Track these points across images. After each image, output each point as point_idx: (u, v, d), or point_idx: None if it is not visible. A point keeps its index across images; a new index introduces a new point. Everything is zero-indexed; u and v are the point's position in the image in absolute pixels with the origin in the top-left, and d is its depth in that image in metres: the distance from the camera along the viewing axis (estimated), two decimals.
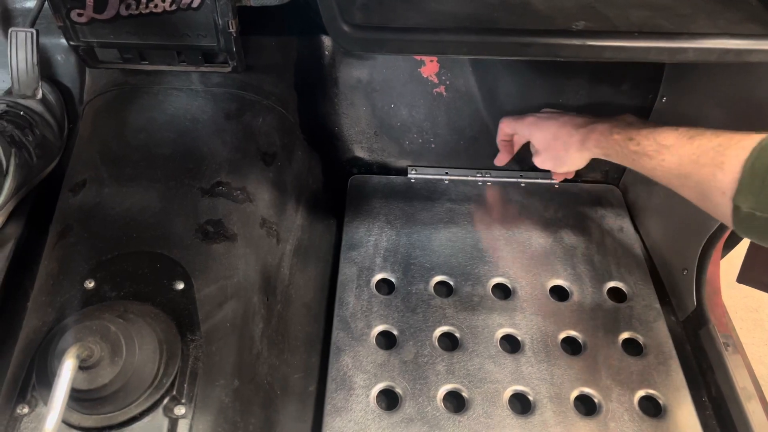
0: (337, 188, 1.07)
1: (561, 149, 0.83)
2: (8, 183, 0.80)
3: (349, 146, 1.10)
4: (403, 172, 1.10)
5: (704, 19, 0.63)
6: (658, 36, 0.61)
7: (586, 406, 0.79)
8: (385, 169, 1.11)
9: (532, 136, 0.88)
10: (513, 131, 0.93)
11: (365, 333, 0.84)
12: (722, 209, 0.60)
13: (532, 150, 0.90)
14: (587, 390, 0.79)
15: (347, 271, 0.92)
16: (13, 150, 0.80)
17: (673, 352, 0.84)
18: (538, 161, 0.89)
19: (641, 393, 0.79)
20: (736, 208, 0.58)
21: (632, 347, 0.85)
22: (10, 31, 0.78)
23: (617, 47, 0.61)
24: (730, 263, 0.91)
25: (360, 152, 1.10)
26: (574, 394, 0.79)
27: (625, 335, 0.85)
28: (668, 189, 0.68)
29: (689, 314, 0.88)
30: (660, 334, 0.86)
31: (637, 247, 0.98)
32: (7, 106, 0.88)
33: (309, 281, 0.91)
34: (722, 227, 0.80)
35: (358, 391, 0.78)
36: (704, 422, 0.77)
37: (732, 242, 0.86)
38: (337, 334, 0.84)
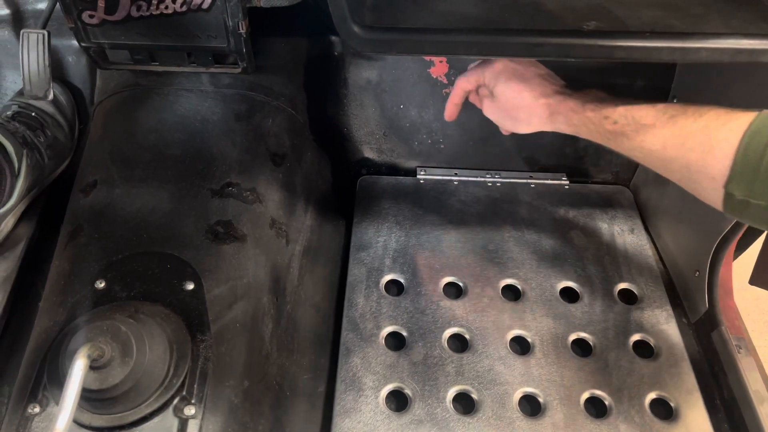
0: (346, 189, 1.07)
1: (523, 114, 0.74)
2: (20, 184, 0.80)
3: (358, 147, 1.10)
4: (412, 172, 1.10)
5: (717, 19, 0.62)
6: (670, 36, 0.61)
7: (596, 408, 0.78)
8: (394, 170, 1.11)
9: (497, 84, 0.75)
10: (477, 84, 0.78)
11: (374, 334, 0.84)
12: (712, 194, 0.58)
13: (483, 93, 0.78)
14: (598, 392, 0.79)
15: (356, 272, 0.92)
16: (24, 151, 0.81)
17: (685, 355, 0.83)
18: (489, 108, 0.77)
19: (652, 395, 0.79)
20: (728, 195, 0.56)
21: (643, 349, 0.84)
22: (21, 32, 0.78)
23: (629, 47, 0.61)
24: (742, 265, 0.90)
25: (369, 153, 1.10)
26: (585, 396, 0.79)
27: (635, 337, 0.85)
28: (681, 190, 0.67)
29: (701, 316, 0.87)
30: (671, 336, 0.85)
31: (648, 249, 0.97)
32: (19, 107, 0.88)
33: (318, 282, 0.91)
34: (735, 228, 0.80)
35: (368, 392, 0.78)
36: (716, 425, 0.77)
37: (744, 244, 0.85)
38: (346, 335, 0.84)
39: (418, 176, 1.09)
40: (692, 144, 0.58)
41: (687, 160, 0.59)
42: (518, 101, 0.73)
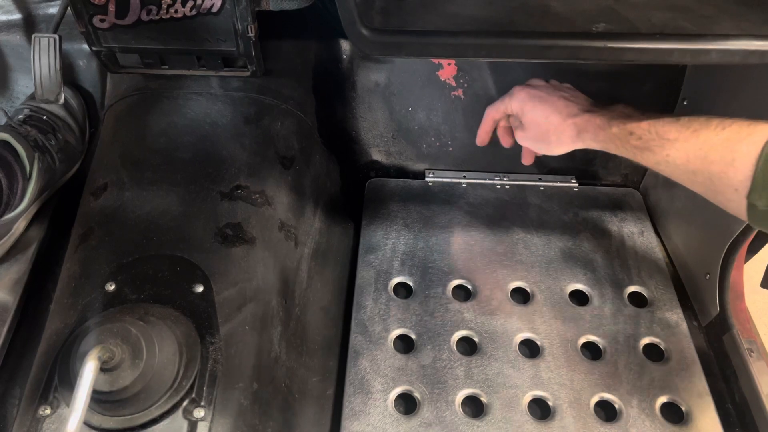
0: (355, 191, 1.07)
1: (553, 136, 0.76)
2: (31, 187, 0.81)
3: (366, 150, 1.10)
4: (420, 175, 1.09)
5: (727, 21, 0.62)
6: (680, 37, 0.60)
7: (606, 412, 0.78)
8: (402, 173, 1.11)
9: (524, 114, 0.79)
10: (505, 113, 0.83)
11: (383, 337, 0.84)
12: (735, 205, 0.58)
13: (514, 123, 0.82)
14: (607, 396, 0.78)
15: (365, 275, 0.92)
16: (36, 154, 0.81)
17: (696, 358, 0.83)
18: (522, 138, 0.81)
19: (663, 399, 0.78)
20: (751, 206, 0.56)
21: (653, 353, 0.84)
22: (33, 36, 0.79)
23: (639, 49, 0.61)
24: (753, 268, 0.89)
25: (377, 155, 1.10)
26: (595, 399, 0.78)
27: (646, 340, 0.84)
28: (690, 192, 0.67)
29: (712, 319, 0.87)
30: (682, 339, 0.85)
31: (658, 251, 0.97)
32: (31, 110, 0.89)
33: (327, 284, 0.91)
34: (746, 231, 0.79)
35: (376, 395, 0.78)
36: (728, 429, 0.76)
37: (756, 246, 0.84)
38: (355, 338, 0.84)
39: (427, 179, 1.08)
40: (714, 157, 0.59)
41: (710, 172, 0.60)
42: (547, 125, 0.76)
